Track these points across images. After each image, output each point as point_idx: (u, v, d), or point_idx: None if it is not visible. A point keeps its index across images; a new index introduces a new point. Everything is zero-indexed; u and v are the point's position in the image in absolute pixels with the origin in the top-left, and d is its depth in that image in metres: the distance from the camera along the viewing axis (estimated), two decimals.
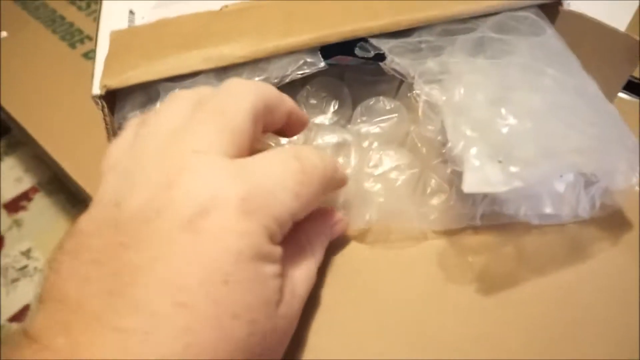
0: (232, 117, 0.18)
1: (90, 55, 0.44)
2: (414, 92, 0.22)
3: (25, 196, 0.44)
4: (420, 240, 0.25)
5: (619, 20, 0.35)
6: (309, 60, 0.26)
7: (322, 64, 0.26)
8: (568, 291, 0.22)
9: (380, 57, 0.25)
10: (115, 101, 0.26)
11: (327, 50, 0.27)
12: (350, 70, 0.30)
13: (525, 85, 0.22)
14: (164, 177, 0.16)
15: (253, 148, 0.19)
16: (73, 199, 0.52)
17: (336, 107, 0.29)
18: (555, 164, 0.18)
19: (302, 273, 0.19)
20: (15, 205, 0.45)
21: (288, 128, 0.22)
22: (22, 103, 0.42)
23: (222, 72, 0.26)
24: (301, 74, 0.26)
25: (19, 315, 0.54)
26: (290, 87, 0.30)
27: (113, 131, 0.26)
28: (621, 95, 0.34)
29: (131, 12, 0.32)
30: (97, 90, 0.25)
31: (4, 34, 0.48)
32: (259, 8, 0.29)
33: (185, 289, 0.14)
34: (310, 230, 0.21)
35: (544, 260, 0.24)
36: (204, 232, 0.15)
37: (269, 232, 0.16)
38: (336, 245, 0.24)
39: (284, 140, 0.28)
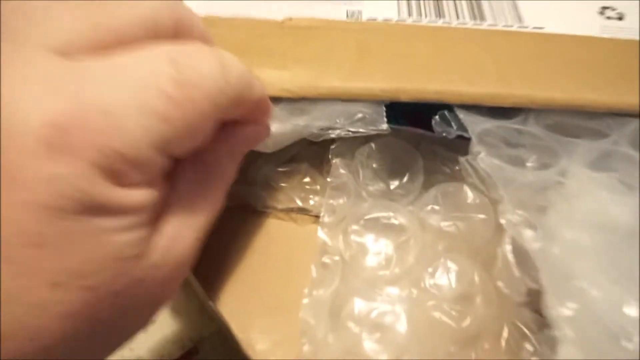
0: None
1: None
2: (503, 219, 0.16)
3: None
4: None
5: None
6: (367, 115, 0.20)
7: (384, 127, 0.20)
8: None
9: (463, 140, 0.19)
10: None
11: (397, 107, 0.21)
12: (428, 138, 0.23)
13: None
14: None
15: None
16: None
17: (405, 179, 0.23)
18: None
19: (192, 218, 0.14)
20: None
21: None
22: None
23: None
24: (353, 131, 0.20)
25: None
26: (351, 140, 0.23)
27: None
28: None
29: None
30: None
31: None
32: (330, 31, 0.23)
33: None
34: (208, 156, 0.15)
35: None
36: None
37: (105, 172, 0.11)
38: None
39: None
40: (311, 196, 0.23)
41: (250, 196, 0.23)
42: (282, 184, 0.23)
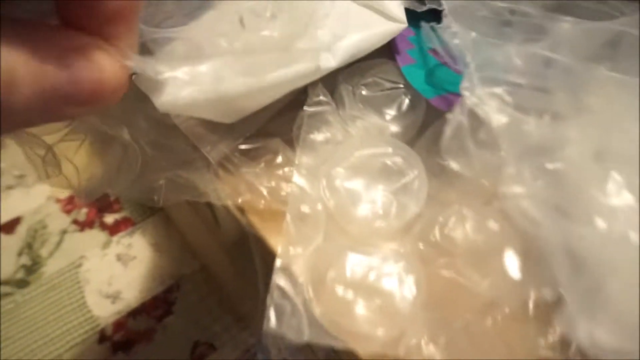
0: None
1: None
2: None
3: None
4: None
5: None
6: None
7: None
8: None
9: (435, 15, 0.15)
10: None
11: None
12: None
13: None
14: None
15: None
16: None
17: (404, 107, 0.18)
18: None
19: None
20: None
21: None
22: None
23: None
24: None
25: (7, 226, 0.49)
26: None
27: None
28: None
29: None
30: None
31: None
32: None
33: None
34: None
35: None
36: None
37: None
38: None
39: None
40: (284, 184, 0.17)
41: (199, 184, 0.17)
42: (244, 168, 0.17)
